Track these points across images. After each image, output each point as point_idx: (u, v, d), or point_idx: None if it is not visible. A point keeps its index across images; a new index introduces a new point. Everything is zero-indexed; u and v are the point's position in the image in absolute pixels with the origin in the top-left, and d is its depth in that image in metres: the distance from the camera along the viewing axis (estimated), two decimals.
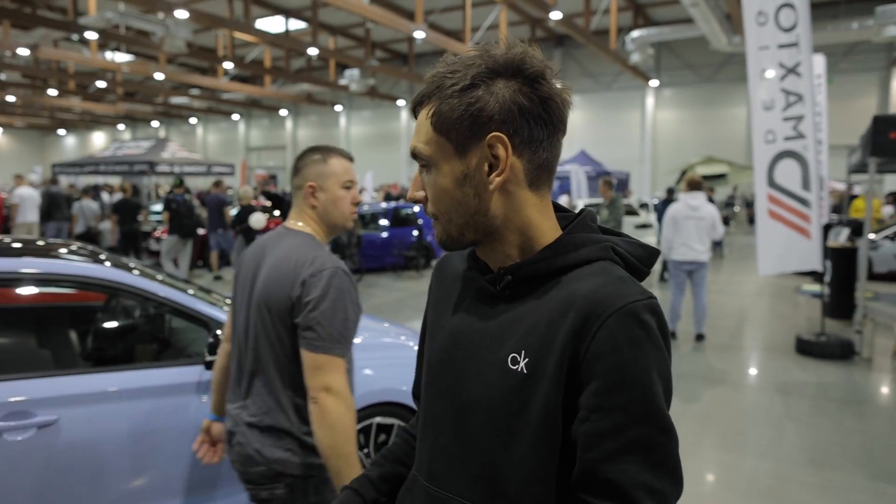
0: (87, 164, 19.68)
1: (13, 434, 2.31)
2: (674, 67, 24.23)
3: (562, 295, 0.90)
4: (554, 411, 0.87)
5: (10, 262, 2.62)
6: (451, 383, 0.99)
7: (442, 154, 0.93)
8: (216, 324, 2.86)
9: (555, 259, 0.93)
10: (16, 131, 43.90)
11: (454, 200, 0.94)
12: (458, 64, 0.92)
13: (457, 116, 0.90)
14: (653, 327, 0.86)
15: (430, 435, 1.03)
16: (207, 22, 15.72)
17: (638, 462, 0.82)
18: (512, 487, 0.90)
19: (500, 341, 0.93)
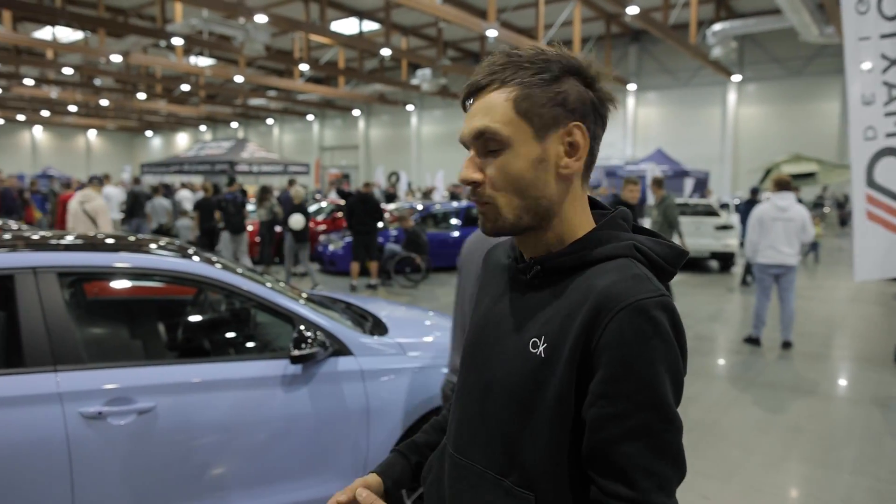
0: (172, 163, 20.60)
1: (116, 418, 2.42)
2: (758, 61, 23.25)
3: (582, 288, 0.97)
4: (566, 393, 0.94)
5: (106, 257, 2.75)
6: (479, 362, 1.09)
7: (520, 136, 0.97)
8: (300, 319, 2.92)
9: (580, 253, 1.00)
10: (108, 133, 46.37)
11: (525, 181, 0.98)
12: (531, 58, 0.98)
13: (543, 102, 0.97)
14: (662, 323, 0.91)
15: (459, 408, 1.12)
16: (285, 25, 16.14)
17: (639, 447, 0.89)
18: (527, 459, 0.98)
19: (523, 326, 1.02)
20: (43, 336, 2.40)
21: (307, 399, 2.83)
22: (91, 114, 36.17)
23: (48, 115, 35.70)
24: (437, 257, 12.77)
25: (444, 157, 31.18)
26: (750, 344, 7.10)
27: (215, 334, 3.53)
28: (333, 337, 2.96)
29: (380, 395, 2.99)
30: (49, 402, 2.33)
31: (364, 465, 2.97)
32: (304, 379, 2.83)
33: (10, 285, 2.44)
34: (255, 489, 2.73)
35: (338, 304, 3.87)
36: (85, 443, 2.36)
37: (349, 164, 35.94)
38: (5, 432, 2.25)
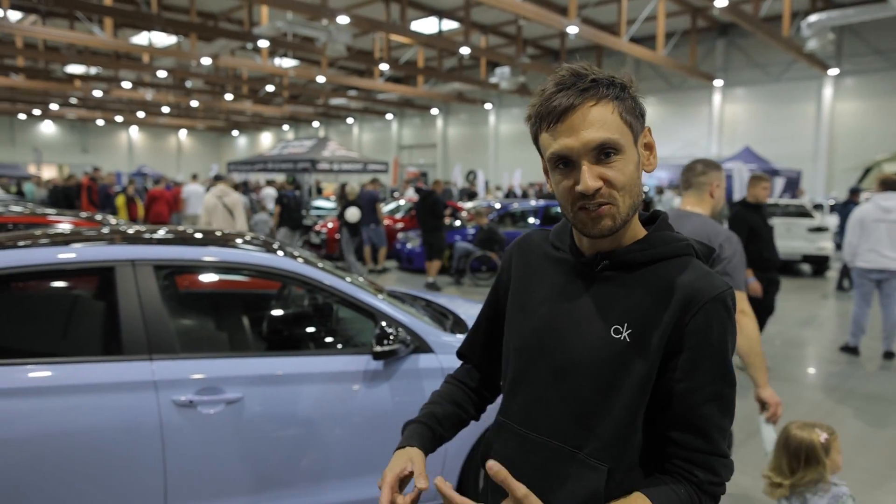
0: (256, 161, 21.30)
1: (206, 407, 2.50)
2: (858, 53, 21.88)
3: (662, 282, 1.14)
4: (651, 371, 1.12)
5: (197, 251, 2.84)
6: (550, 348, 1.19)
7: (628, 143, 1.12)
8: (381, 315, 2.93)
9: (651, 251, 1.16)
10: (197, 133, 48.52)
11: (634, 182, 1.13)
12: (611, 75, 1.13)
13: (636, 112, 1.14)
14: (732, 309, 1.14)
15: (524, 388, 1.23)
16: (366, 26, 16.40)
17: (714, 408, 1.12)
18: (605, 433, 1.13)
19: (602, 314, 1.15)
20: (140, 326, 2.50)
21: (388, 395, 2.84)
22: (182, 114, 37.93)
23: (143, 116, 37.65)
24: None
25: (522, 156, 30.94)
26: (847, 353, 6.70)
27: (299, 328, 3.60)
28: (414, 334, 2.96)
29: None
30: (144, 389, 2.42)
31: (443, 462, 2.95)
32: (386, 375, 2.85)
33: (110, 276, 2.56)
34: (333, 482, 2.76)
35: (418, 302, 3.88)
36: (177, 429, 2.44)
37: (427, 163, 36.22)
38: (104, 417, 2.36)
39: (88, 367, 2.41)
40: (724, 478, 1.14)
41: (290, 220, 12.00)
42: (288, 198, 12.24)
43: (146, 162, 39.31)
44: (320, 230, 13.75)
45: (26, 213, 5.49)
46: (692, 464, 1.12)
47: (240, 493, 2.59)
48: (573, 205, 1.13)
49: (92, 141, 42.84)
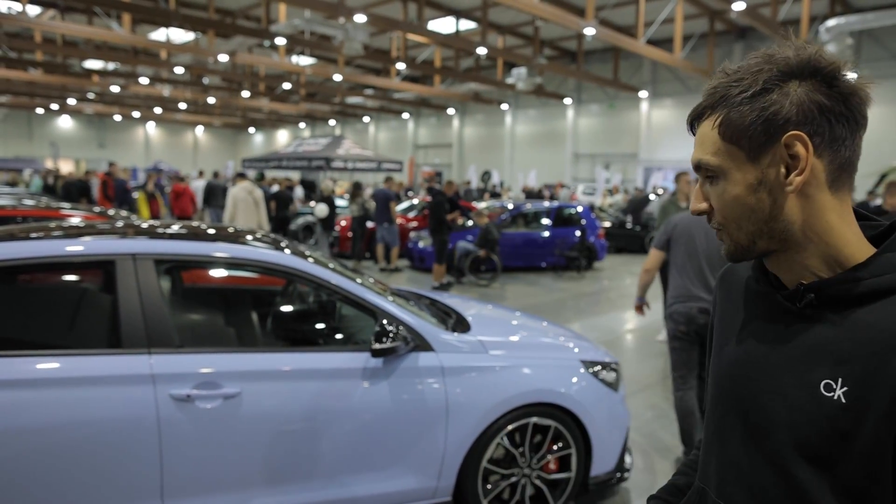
0: (271, 159, 21.44)
1: (203, 402, 2.51)
2: (877, 58, 21.62)
3: (885, 325, 0.84)
4: (883, 447, 0.82)
5: (201, 246, 2.85)
6: (744, 400, 0.98)
7: (732, 162, 0.93)
8: (382, 313, 2.93)
9: (870, 281, 0.87)
10: (214, 129, 48.87)
11: (747, 207, 0.93)
12: (742, 72, 0.92)
13: (749, 122, 0.90)
14: None
15: (717, 448, 1.03)
16: (383, 25, 16.43)
17: None
18: None
19: (807, 364, 0.90)
20: (139, 320, 2.52)
21: (387, 392, 2.84)
22: (199, 111, 38.22)
23: (160, 112, 37.99)
24: (525, 257, 12.65)
25: (538, 157, 30.86)
26: None
27: (301, 325, 3.61)
28: (415, 332, 2.96)
29: (459, 393, 2.97)
30: (142, 382, 2.44)
31: (441, 461, 2.95)
32: (385, 373, 2.85)
33: (111, 270, 2.58)
34: (331, 478, 2.77)
35: (422, 301, 3.89)
36: (174, 423, 2.46)
37: (442, 163, 36.24)
38: (102, 409, 2.38)
39: (87, 360, 2.43)
40: None
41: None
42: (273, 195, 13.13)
43: (162, 158, 39.59)
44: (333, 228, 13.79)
45: (40, 206, 5.56)
46: None
47: (236, 488, 2.60)
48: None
49: (109, 136, 43.28)
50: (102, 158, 35.11)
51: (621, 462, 3.51)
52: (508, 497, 3.22)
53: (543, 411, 3.18)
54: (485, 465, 3.08)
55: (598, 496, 3.64)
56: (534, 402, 3.15)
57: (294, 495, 2.70)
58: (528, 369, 3.19)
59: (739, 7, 13.89)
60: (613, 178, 24.56)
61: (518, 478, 3.20)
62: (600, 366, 3.48)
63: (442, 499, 3.03)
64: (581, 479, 3.32)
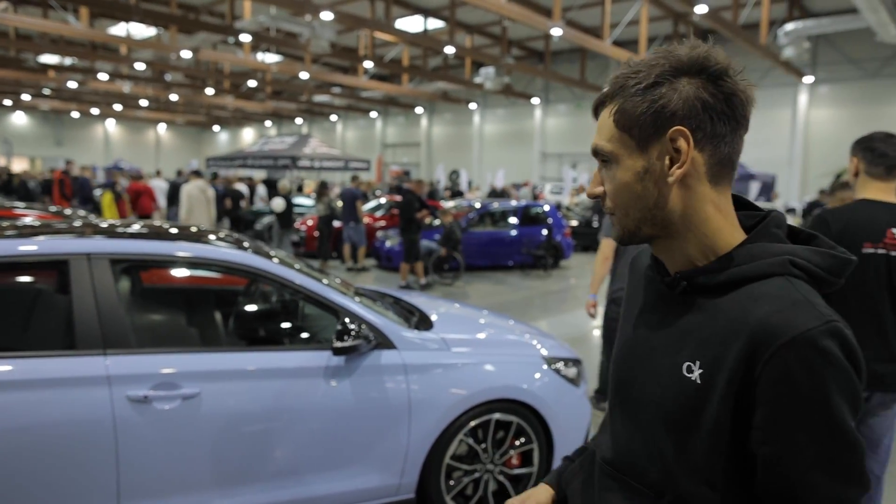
0: (236, 157, 21.17)
1: (161, 403, 2.48)
2: (832, 62, 22.24)
3: (735, 313, 0.92)
4: (722, 425, 0.91)
5: (158, 246, 2.81)
6: (628, 378, 1.07)
7: (624, 150, 0.98)
8: (344, 311, 2.93)
9: (729, 271, 0.95)
10: (177, 127, 48.03)
11: (634, 194, 0.98)
12: (641, 65, 0.97)
13: (640, 113, 0.95)
14: (832, 352, 0.85)
15: (609, 420, 1.15)
16: (350, 23, 16.34)
17: (823, 477, 0.87)
18: (683, 483, 0.96)
19: (675, 347, 0.98)
20: (94, 320, 2.48)
21: (349, 391, 2.84)
22: (161, 108, 37.51)
23: (121, 109, 37.17)
24: (493, 256, 12.71)
25: (506, 156, 31.00)
26: None
27: (262, 324, 3.58)
28: (377, 330, 2.96)
29: (422, 390, 2.98)
30: (98, 384, 2.40)
31: (404, 458, 2.96)
32: (347, 371, 2.85)
33: (65, 270, 2.53)
34: (293, 478, 2.76)
35: (386, 299, 3.89)
36: (130, 425, 2.42)
37: (411, 162, 36.18)
38: (56, 412, 2.34)
39: (40, 362, 2.38)
40: None
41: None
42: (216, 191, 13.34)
43: (123, 156, 38.73)
44: (299, 227, 13.68)
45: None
46: None
47: (195, 489, 2.57)
48: None
49: (66, 133, 42.20)
50: (60, 157, 34.23)
51: None
52: (471, 493, 3.24)
53: (506, 407, 3.21)
54: (448, 462, 3.10)
55: None
56: (496, 399, 3.17)
57: (255, 496, 2.68)
58: (490, 366, 3.22)
59: (702, 10, 14.14)
60: (580, 177, 24.80)
61: (481, 473, 3.22)
62: (562, 362, 3.52)
63: (405, 496, 3.04)
64: (543, 473, 3.36)
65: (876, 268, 2.47)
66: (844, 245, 2.63)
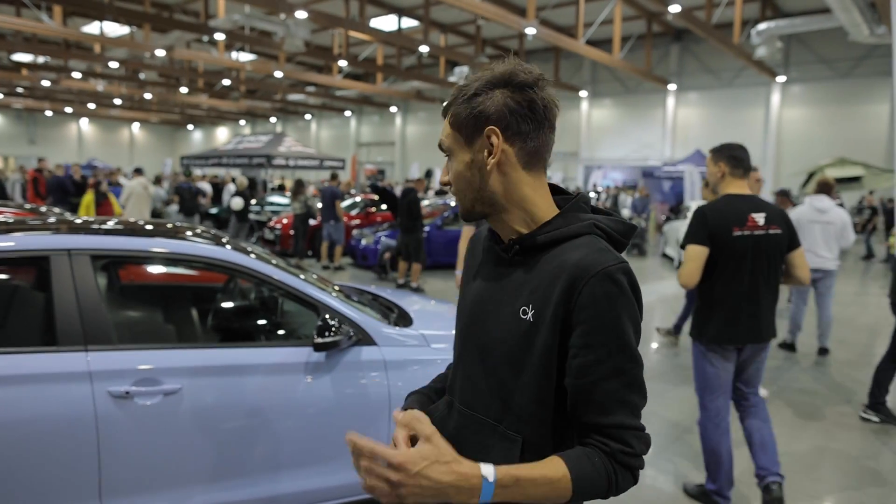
0: (211, 156, 20.96)
1: (143, 398, 2.48)
2: (805, 62, 22.66)
3: (557, 262, 1.19)
4: (550, 350, 1.17)
5: (139, 242, 2.81)
6: (477, 329, 1.30)
7: (457, 145, 1.26)
8: (325, 308, 2.95)
9: (551, 233, 1.22)
10: (151, 126, 47.43)
11: (465, 180, 1.26)
12: (470, 80, 1.25)
13: (465, 116, 1.23)
14: (624, 284, 1.15)
15: (461, 368, 1.35)
16: (325, 22, 16.30)
17: (615, 384, 1.14)
18: (517, 407, 1.22)
19: (514, 297, 1.24)
20: (75, 316, 2.47)
21: (329, 386, 2.86)
22: (135, 107, 37.03)
23: (94, 108, 36.64)
24: None
25: None
26: (785, 349, 6.95)
27: (241, 320, 3.59)
28: (357, 326, 2.98)
29: (402, 386, 3.00)
30: (79, 380, 2.40)
31: None
32: (328, 367, 2.87)
33: (45, 266, 2.52)
34: (274, 474, 2.77)
35: (365, 296, 3.91)
36: (112, 421, 2.42)
37: (385, 161, 36.13)
38: (37, 408, 2.33)
39: (21, 358, 2.37)
40: (637, 449, 1.15)
41: (184, 208, 13.99)
42: (183, 189, 14.14)
43: (97, 155, 38.17)
44: (274, 226, 13.63)
45: None
46: (603, 436, 1.15)
47: (177, 485, 2.58)
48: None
49: (40, 132, 41.49)
50: (33, 155, 33.61)
51: None
52: None
53: None
54: None
55: None
56: None
57: (236, 491, 2.69)
58: None
59: (675, 9, 14.34)
60: (555, 176, 24.97)
61: None
62: None
63: None
64: None
65: (744, 245, 3.21)
66: (720, 230, 3.16)
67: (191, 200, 14.15)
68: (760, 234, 3.21)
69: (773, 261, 3.25)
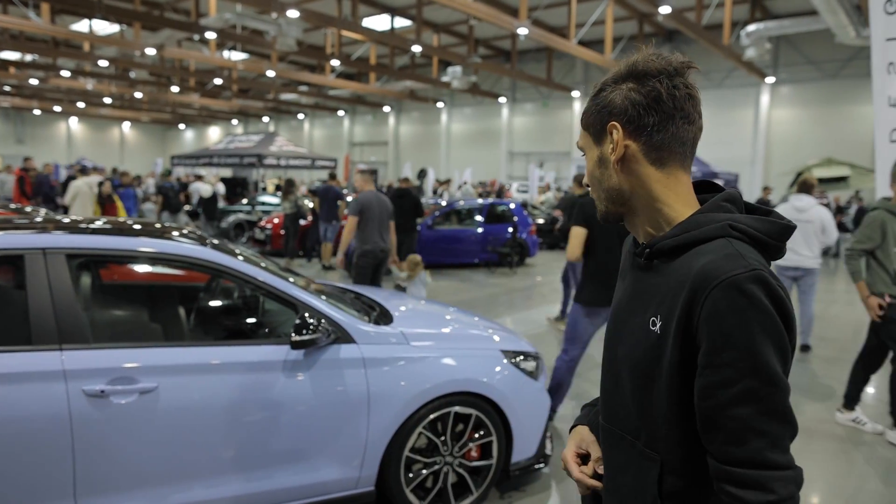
0: (202, 156, 20.91)
1: (118, 397, 2.49)
2: (793, 63, 22.79)
3: (683, 269, 1.08)
4: (676, 366, 1.07)
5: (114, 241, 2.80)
6: (614, 340, 1.25)
7: (587, 143, 1.24)
8: (304, 306, 2.96)
9: (679, 237, 1.11)
10: (142, 125, 47.20)
11: (595, 178, 1.22)
12: (603, 78, 1.21)
13: (592, 114, 1.21)
14: (755, 294, 0.99)
15: (602, 381, 1.31)
16: (317, 21, 16.28)
17: (747, 410, 0.99)
18: (651, 425, 1.13)
19: (644, 307, 1.15)
20: (50, 315, 2.48)
21: (308, 384, 2.87)
22: (126, 106, 36.87)
23: (84, 107, 36.46)
24: (458, 253, 12.78)
25: (473, 155, 31.13)
26: None
27: (219, 319, 3.59)
28: (336, 324, 3.00)
29: (381, 383, 3.02)
30: (54, 379, 2.40)
31: (363, 451, 3.00)
32: (306, 365, 2.88)
33: (20, 265, 2.53)
34: (252, 472, 2.78)
35: (347, 294, 3.92)
36: (87, 420, 2.43)
37: (378, 160, 36.10)
38: (12, 407, 2.33)
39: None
40: (781, 494, 0.98)
41: (169, 206, 14.21)
42: (166, 188, 14.44)
43: (87, 154, 37.99)
44: (265, 226, 13.60)
45: None
46: (734, 483, 1.00)
47: (153, 484, 2.59)
48: None
49: (28, 131, 41.23)
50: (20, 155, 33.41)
51: (542, 449, 3.63)
52: (431, 485, 3.30)
53: (465, 400, 3.27)
54: (407, 454, 3.15)
55: (519, 482, 3.76)
56: (455, 392, 3.23)
57: (213, 490, 2.70)
58: (449, 360, 3.28)
59: (666, 10, 14.38)
60: (547, 176, 25.01)
61: (440, 466, 3.28)
62: (522, 356, 3.60)
63: (365, 488, 3.08)
64: (502, 465, 3.43)
65: (613, 228, 3.94)
66: (594, 217, 3.62)
67: (175, 199, 14.31)
68: None
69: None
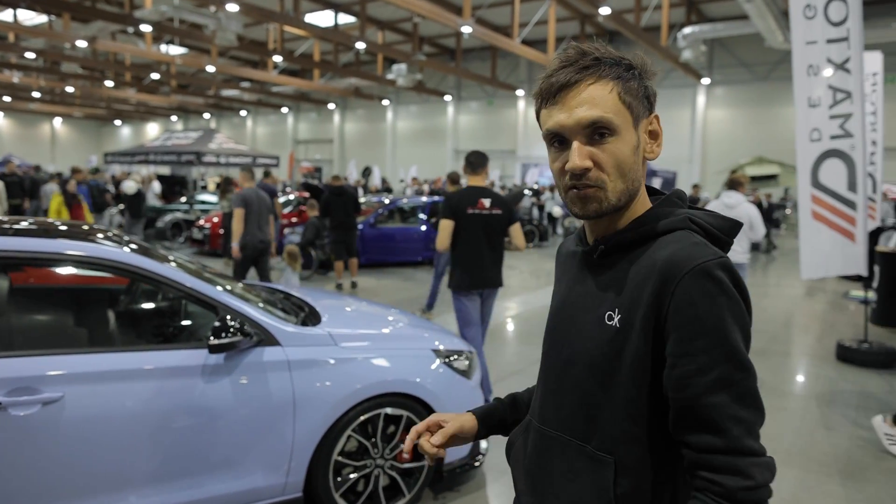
0: (137, 153, 20.27)
1: (18, 409, 2.33)
2: (727, 65, 23.54)
3: (647, 261, 1.05)
4: (643, 359, 1.03)
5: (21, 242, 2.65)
6: (559, 340, 1.19)
7: (625, 123, 1.06)
8: (224, 308, 2.85)
9: (640, 229, 1.09)
10: (74, 121, 45.42)
11: (628, 166, 1.07)
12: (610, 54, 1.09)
13: (639, 95, 1.08)
14: (724, 281, 0.99)
15: (542, 385, 1.23)
16: (258, 15, 15.94)
17: (724, 397, 0.96)
18: (607, 425, 1.07)
19: (597, 302, 1.11)
20: None
21: (229, 389, 2.77)
22: (56, 100, 35.41)
23: (10, 101, 34.84)
24: (402, 252, 12.71)
25: (419, 153, 31.07)
26: None
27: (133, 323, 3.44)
28: (259, 326, 2.90)
29: (307, 386, 2.94)
30: None
31: (289, 457, 2.92)
32: (227, 369, 2.77)
33: None
34: (170, 483, 2.66)
35: (276, 295, 3.82)
36: None
37: (323, 158, 35.68)
38: None
39: None
40: (759, 480, 0.96)
41: (96, 206, 14.11)
42: (93, 186, 14.36)
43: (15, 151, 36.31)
44: (204, 225, 13.26)
45: None
46: (714, 470, 0.96)
47: (60, 500, 2.44)
48: (565, 185, 1.09)
49: None
50: None
51: (476, 448, 3.60)
52: (362, 489, 3.23)
53: (396, 401, 3.21)
54: (336, 458, 3.07)
55: (453, 482, 3.72)
56: (386, 393, 3.17)
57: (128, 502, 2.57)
58: (379, 360, 3.22)
59: (606, 12, 14.62)
60: (492, 173, 25.16)
61: (371, 469, 3.22)
62: (455, 354, 3.57)
63: (292, 495, 2.99)
64: (435, 466, 3.39)
65: (475, 221, 4.50)
66: (459, 209, 4.51)
67: (99, 198, 14.20)
68: (486, 213, 4.50)
69: (495, 232, 4.55)
